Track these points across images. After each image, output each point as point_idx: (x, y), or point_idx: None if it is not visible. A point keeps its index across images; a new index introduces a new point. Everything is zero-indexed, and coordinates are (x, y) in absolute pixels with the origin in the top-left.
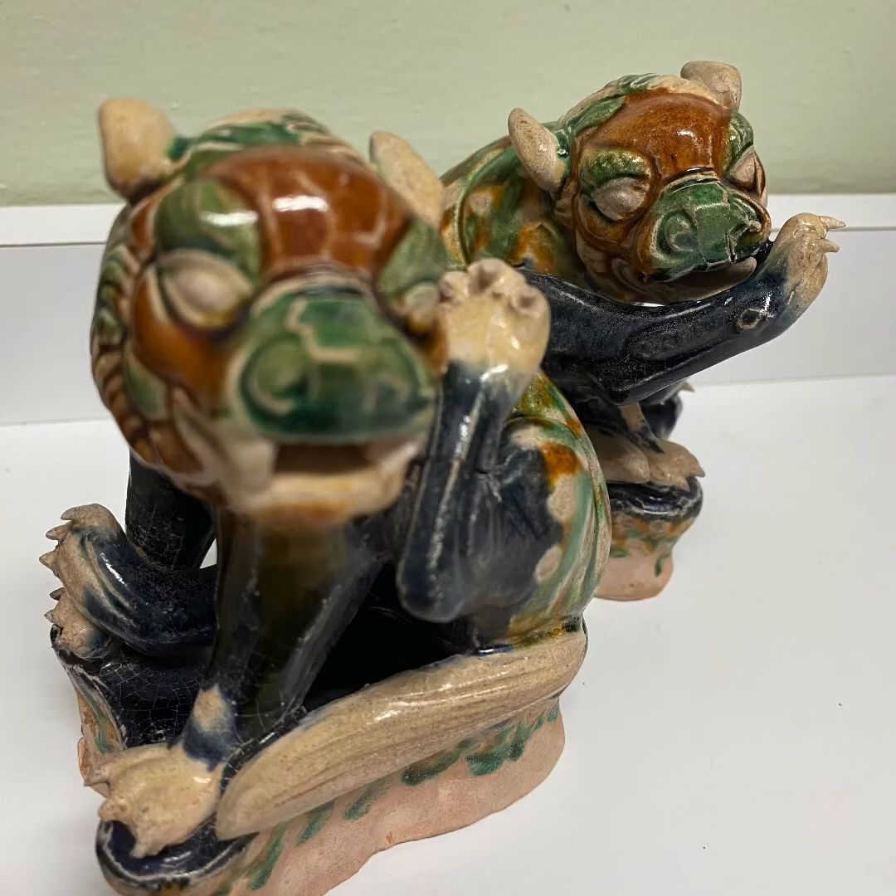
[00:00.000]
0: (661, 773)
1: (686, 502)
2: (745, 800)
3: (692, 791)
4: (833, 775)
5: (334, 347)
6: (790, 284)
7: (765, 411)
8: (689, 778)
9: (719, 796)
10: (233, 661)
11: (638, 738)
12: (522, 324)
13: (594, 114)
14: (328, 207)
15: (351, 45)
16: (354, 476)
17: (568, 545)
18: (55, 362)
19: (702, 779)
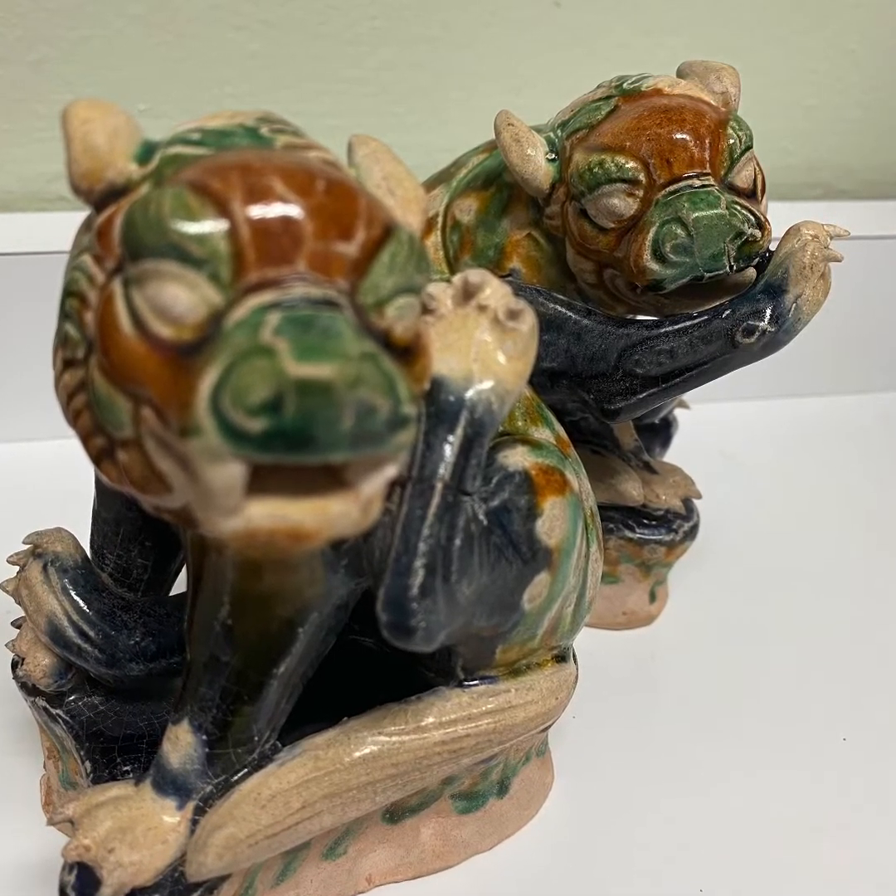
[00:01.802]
0: (655, 811)
1: (682, 526)
2: (744, 839)
3: (688, 830)
4: (837, 812)
5: (311, 362)
6: (792, 296)
7: (765, 430)
8: (686, 816)
9: (717, 835)
10: (203, 693)
11: (631, 774)
12: (509, 338)
13: (585, 116)
14: (304, 215)
15: (329, 43)
16: (332, 498)
17: (557, 571)
18: (15, 378)
19: (698, 817)
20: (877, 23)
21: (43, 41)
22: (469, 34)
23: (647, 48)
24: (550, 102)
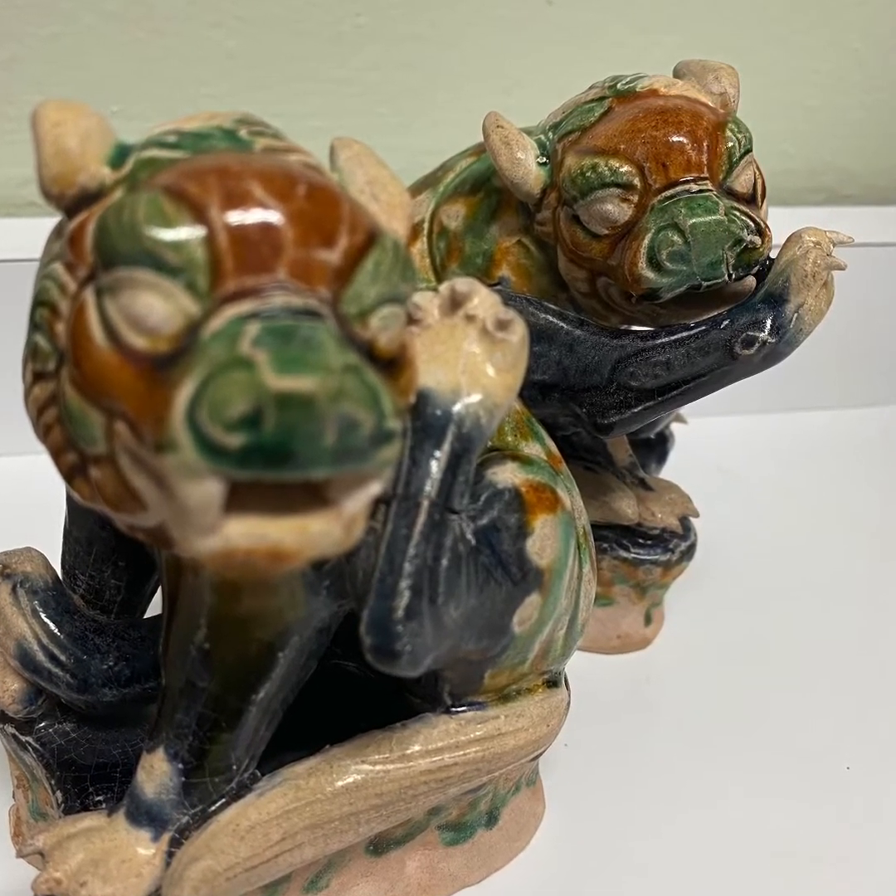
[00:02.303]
0: (650, 842)
1: (679, 545)
2: (742, 871)
3: (685, 863)
4: (838, 844)
5: (291, 375)
6: (793, 306)
7: (765, 445)
8: (682, 848)
9: (714, 867)
10: (179, 720)
11: (625, 804)
12: (498, 349)
13: (577, 118)
14: (284, 221)
15: (310, 42)
16: (313, 516)
17: (548, 593)
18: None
19: (695, 848)
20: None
21: (12, 39)
22: (457, 32)
23: (642, 47)
24: (542, 103)
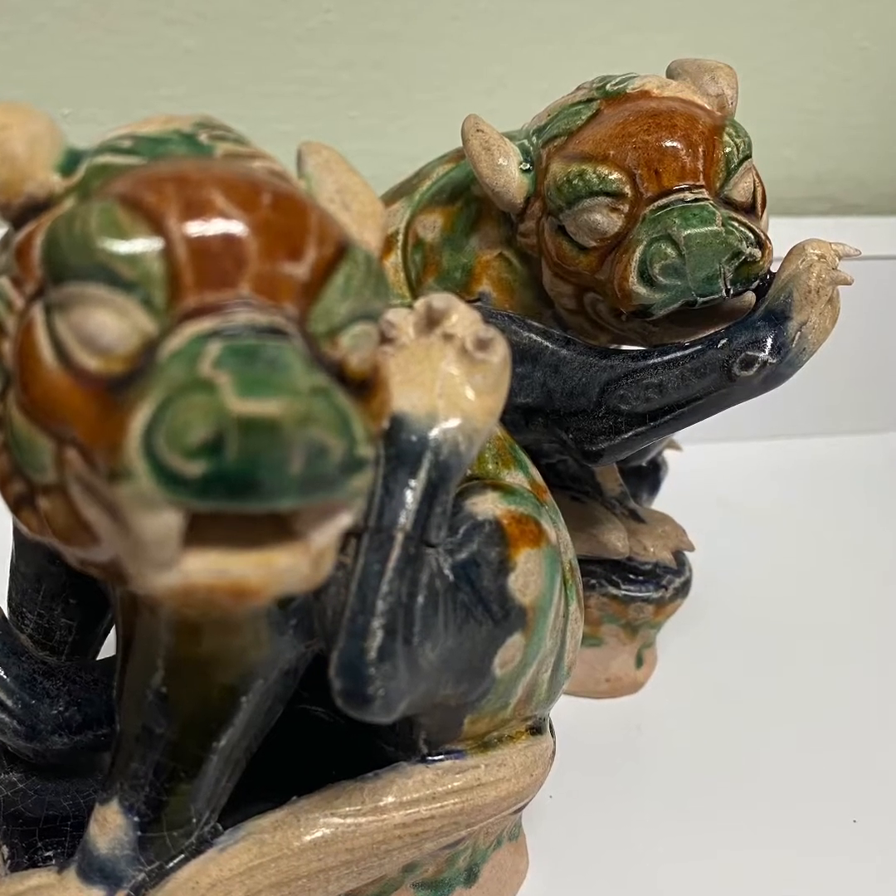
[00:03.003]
0: None
1: (672, 582)
2: None
3: None
4: None
5: (255, 398)
6: (795, 323)
7: (766, 473)
8: None
9: None
10: (135, 769)
11: (614, 860)
12: (478, 370)
13: (563, 121)
14: (248, 232)
15: (276, 39)
16: (279, 550)
17: (532, 632)
18: None
19: None
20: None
21: None
22: (435, 29)
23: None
24: (525, 106)
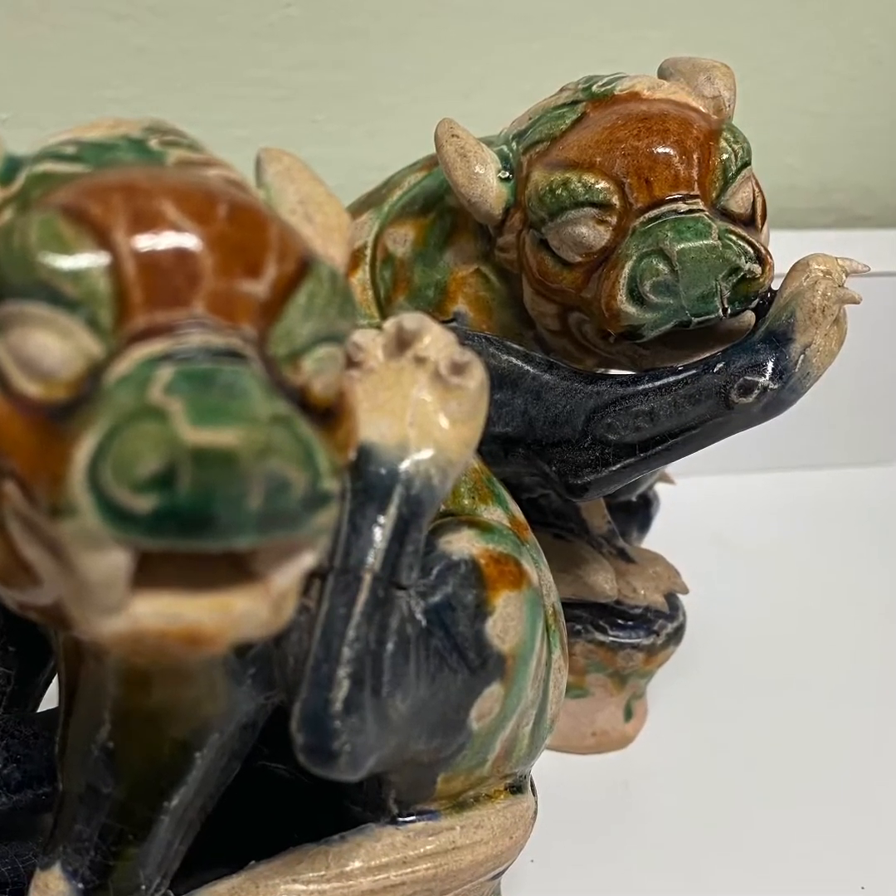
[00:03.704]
0: None
1: (664, 627)
2: None
3: None
4: None
5: (210, 427)
6: (799, 346)
7: (765, 509)
8: None
9: None
10: (79, 831)
11: None
12: (453, 397)
13: (546, 125)
14: (202, 246)
15: (232, 37)
16: (237, 593)
17: (512, 682)
18: None
19: None
20: None
21: None
22: (405, 25)
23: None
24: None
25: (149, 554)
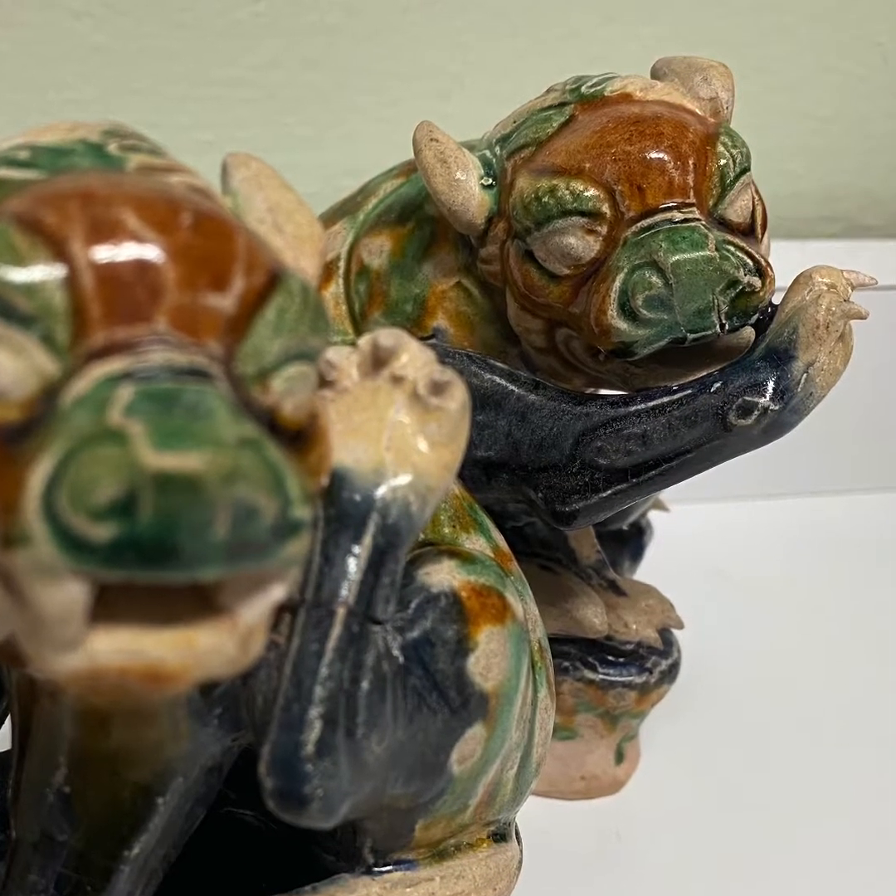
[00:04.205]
0: None
1: (658, 664)
2: None
3: None
4: None
5: (173, 451)
6: (801, 364)
7: (766, 538)
8: None
9: None
10: (34, 882)
11: None
12: (433, 418)
13: (532, 129)
14: (165, 258)
15: (196, 34)
16: (201, 628)
17: (495, 723)
18: None
19: None
20: None
21: None
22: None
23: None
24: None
25: (108, 586)
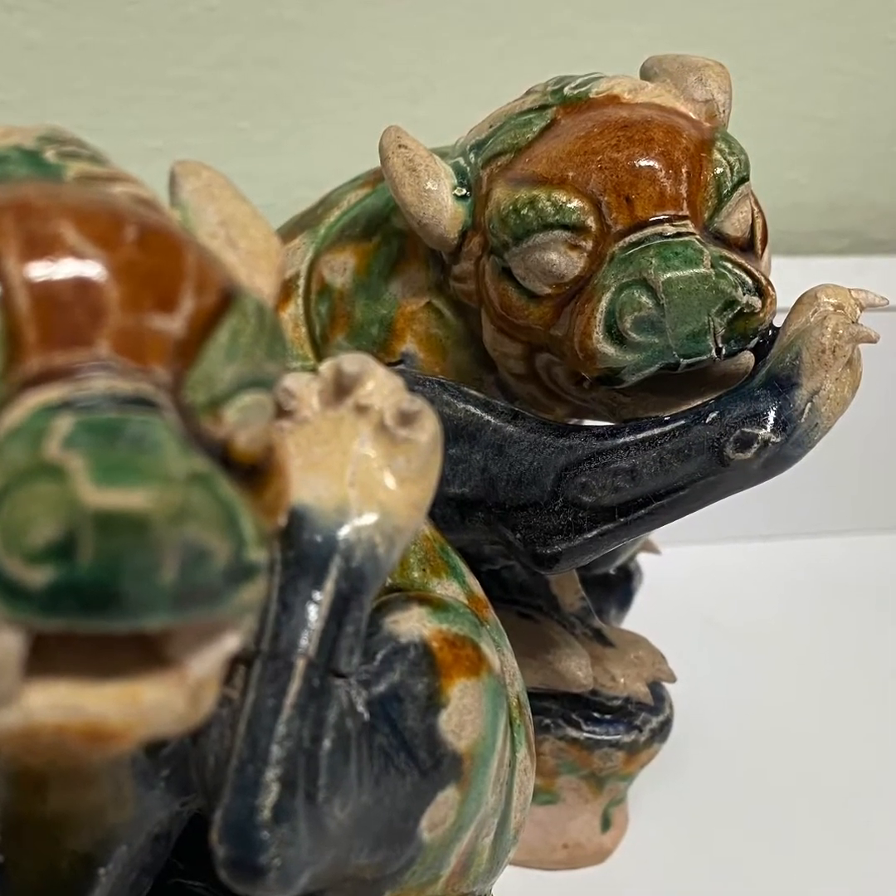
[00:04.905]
0: None
1: (648, 721)
2: None
3: None
4: None
5: (116, 487)
6: (805, 392)
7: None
8: None
9: None
10: None
11: None
12: (401, 452)
13: (510, 134)
14: (107, 276)
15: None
16: (147, 681)
17: (470, 786)
18: None
19: None
20: None
21: None
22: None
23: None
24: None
25: (45, 636)
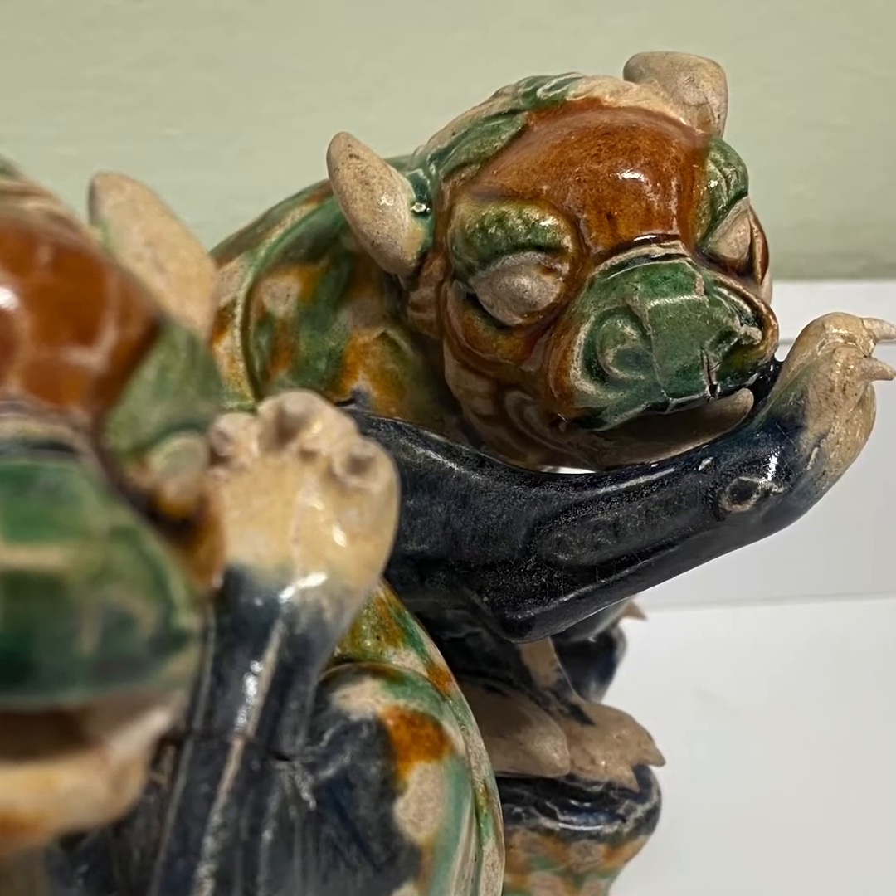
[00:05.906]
0: None
1: (633, 810)
2: None
3: None
4: None
5: (28, 543)
6: (812, 436)
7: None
8: None
9: None
10: None
11: None
12: (352, 503)
13: (475, 142)
14: (18, 304)
15: (60, 26)
16: (63, 764)
17: (430, 883)
18: None
19: None
20: None
21: None
22: (288, 10)
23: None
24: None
25: None
